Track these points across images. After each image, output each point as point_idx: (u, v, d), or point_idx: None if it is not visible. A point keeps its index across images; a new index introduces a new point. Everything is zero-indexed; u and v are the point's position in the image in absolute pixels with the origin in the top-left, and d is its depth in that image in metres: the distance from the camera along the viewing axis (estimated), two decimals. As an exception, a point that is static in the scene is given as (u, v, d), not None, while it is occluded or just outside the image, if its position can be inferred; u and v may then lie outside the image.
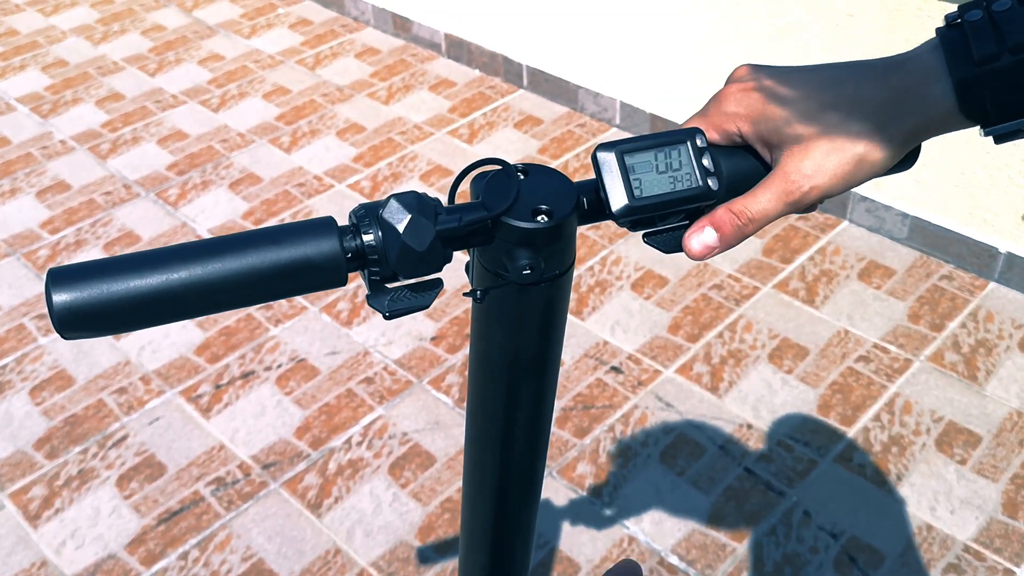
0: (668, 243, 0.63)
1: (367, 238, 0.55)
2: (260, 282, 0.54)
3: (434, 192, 2.71)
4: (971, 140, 2.22)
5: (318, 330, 2.28)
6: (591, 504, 1.86)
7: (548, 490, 1.89)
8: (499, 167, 0.60)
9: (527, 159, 2.84)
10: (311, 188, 2.75)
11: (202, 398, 2.12)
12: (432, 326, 2.27)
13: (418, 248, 0.55)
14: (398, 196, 0.56)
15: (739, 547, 1.78)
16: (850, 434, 1.98)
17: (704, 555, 1.77)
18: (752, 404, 2.05)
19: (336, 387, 2.13)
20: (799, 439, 1.97)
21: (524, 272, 0.58)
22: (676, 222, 0.63)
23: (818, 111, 0.60)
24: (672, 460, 1.94)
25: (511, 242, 0.58)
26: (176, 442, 2.02)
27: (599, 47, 2.89)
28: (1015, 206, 2.23)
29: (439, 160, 2.85)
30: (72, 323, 0.51)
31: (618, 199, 0.60)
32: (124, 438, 2.03)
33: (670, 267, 2.42)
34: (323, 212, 2.67)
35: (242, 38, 3.57)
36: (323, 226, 0.55)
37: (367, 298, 0.58)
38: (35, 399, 2.13)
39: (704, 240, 0.61)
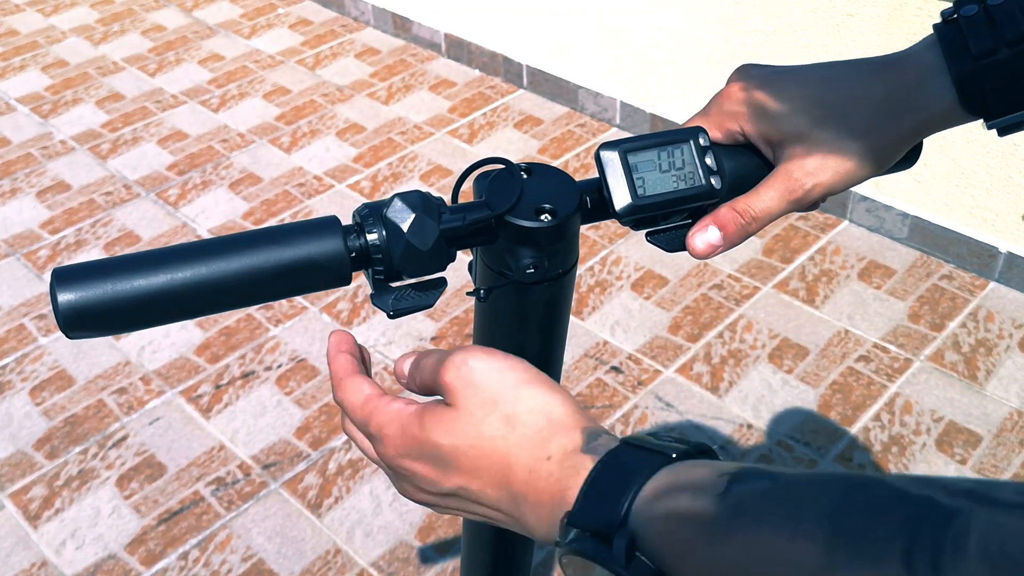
0: (671, 242, 0.63)
1: (371, 237, 0.55)
2: (264, 281, 0.53)
3: (435, 192, 2.71)
4: (971, 139, 2.22)
5: (318, 330, 2.28)
6: (591, 504, 1.86)
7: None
8: (502, 166, 0.60)
9: (527, 159, 2.84)
10: (311, 188, 2.75)
11: (202, 398, 2.12)
12: (432, 326, 2.27)
13: (422, 247, 0.55)
14: (402, 195, 0.55)
15: (740, 547, 1.78)
16: (850, 434, 1.98)
17: None
18: (752, 404, 2.05)
19: (336, 387, 2.13)
20: (799, 439, 1.97)
21: (528, 271, 0.58)
22: (679, 221, 0.63)
23: (819, 109, 0.60)
24: (672, 460, 1.93)
25: (515, 241, 0.58)
26: (176, 442, 2.02)
27: (599, 47, 2.89)
28: (1015, 206, 2.23)
29: (439, 160, 2.85)
30: (77, 323, 0.51)
31: (621, 198, 0.60)
32: (124, 438, 2.03)
33: (670, 267, 2.42)
34: (323, 212, 2.66)
35: (242, 38, 3.57)
36: (327, 225, 0.55)
37: (371, 297, 0.58)
38: (35, 399, 2.13)
39: (708, 239, 0.61)
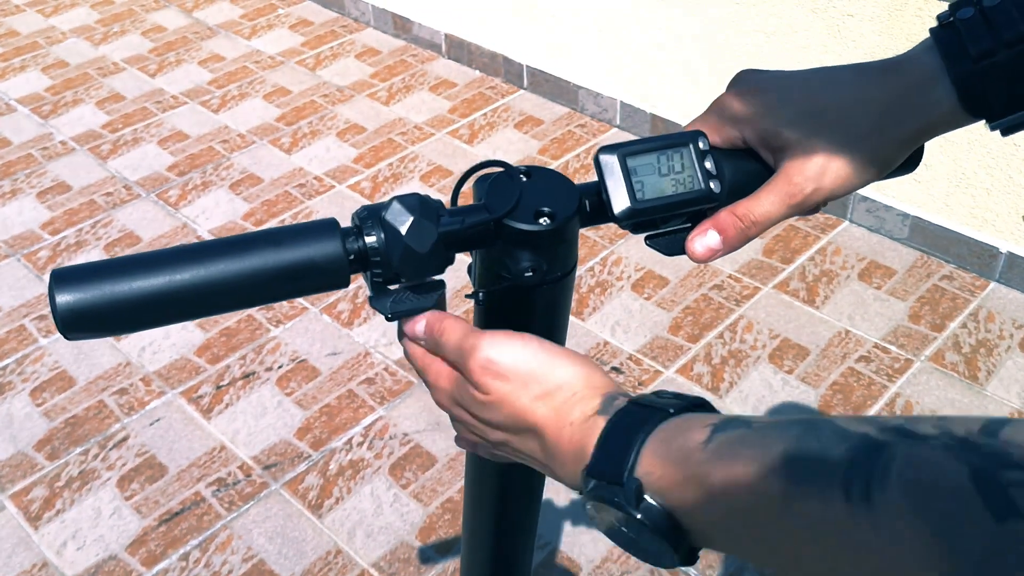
0: (670, 245, 0.63)
1: (369, 240, 0.55)
2: (262, 284, 0.53)
3: (435, 193, 2.71)
4: (971, 140, 2.22)
5: (319, 331, 2.28)
6: (592, 505, 1.86)
7: (549, 490, 1.89)
8: (501, 169, 0.60)
9: (527, 159, 2.84)
10: (311, 189, 2.75)
11: (203, 399, 2.12)
12: (433, 327, 2.27)
13: (420, 250, 0.55)
14: (401, 198, 0.55)
15: (740, 547, 1.78)
16: (851, 434, 1.97)
17: (705, 555, 1.77)
18: (753, 404, 2.05)
19: (337, 388, 2.13)
20: (800, 439, 1.97)
21: (526, 274, 0.58)
22: (678, 224, 0.63)
23: (819, 114, 0.60)
24: (673, 460, 1.93)
25: (513, 244, 0.58)
26: (177, 443, 2.02)
27: (599, 47, 2.89)
28: (1016, 206, 2.23)
29: (439, 161, 2.84)
30: (75, 324, 0.51)
31: (620, 202, 0.60)
32: (125, 439, 2.03)
33: (670, 267, 2.42)
34: (323, 213, 2.66)
35: (242, 39, 3.57)
36: (326, 228, 0.55)
37: (369, 300, 0.58)
38: (36, 400, 2.13)
39: (707, 243, 0.61)
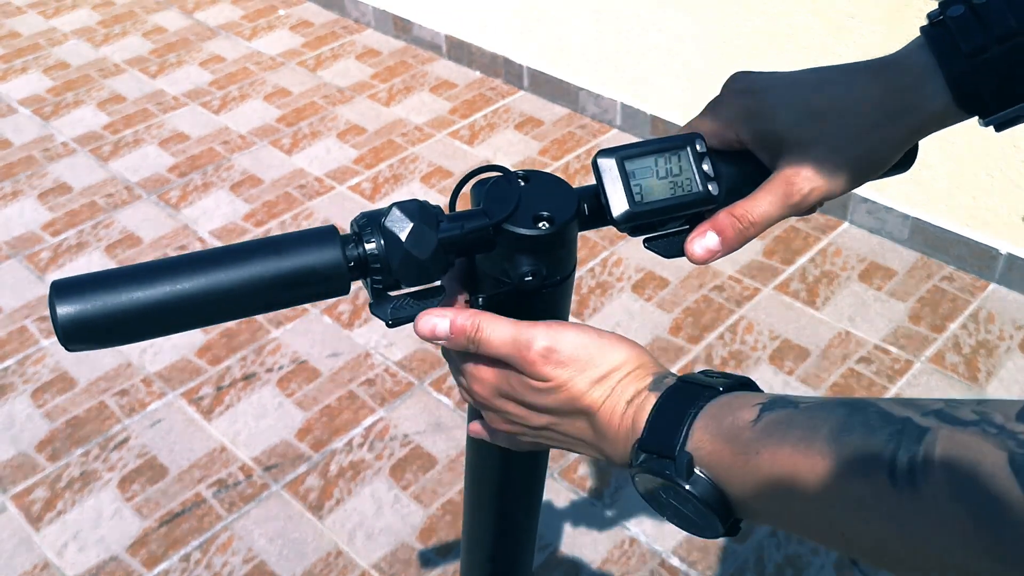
0: (669, 248, 0.63)
1: (369, 246, 0.55)
2: (263, 292, 0.53)
3: (435, 194, 2.71)
4: (971, 141, 2.22)
5: (319, 332, 2.28)
6: (592, 506, 1.86)
7: (549, 492, 1.89)
8: (500, 174, 0.60)
9: (528, 161, 2.84)
10: (312, 190, 2.76)
11: (203, 400, 2.12)
12: (433, 328, 2.27)
13: (420, 256, 0.55)
14: (400, 204, 0.55)
15: (740, 548, 1.78)
16: (851, 435, 1.98)
17: (705, 556, 1.77)
18: (753, 405, 2.05)
19: (337, 389, 2.13)
20: (800, 440, 1.97)
21: (526, 278, 0.58)
22: (677, 227, 0.63)
23: (814, 114, 0.60)
24: (673, 462, 1.93)
25: (512, 249, 0.58)
26: (178, 444, 2.02)
27: (600, 48, 2.89)
28: (1016, 207, 2.23)
29: (440, 162, 2.85)
30: (76, 335, 0.50)
31: (619, 205, 0.60)
32: (126, 440, 2.03)
33: (671, 269, 2.42)
34: (324, 214, 2.67)
35: (243, 40, 3.57)
36: (325, 235, 0.55)
37: (370, 307, 0.58)
38: (37, 401, 2.13)
39: (706, 244, 0.61)
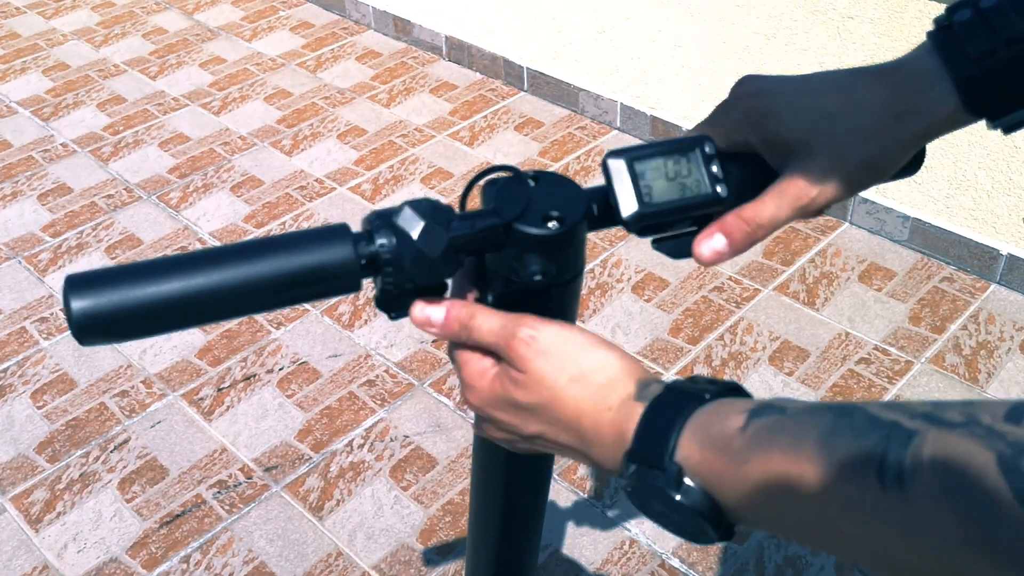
0: (677, 249, 0.64)
1: (381, 245, 0.56)
2: (275, 289, 0.54)
3: (435, 195, 2.71)
4: (972, 142, 2.22)
5: (320, 333, 2.28)
6: (592, 506, 1.86)
7: (550, 492, 1.89)
8: (510, 174, 0.60)
9: (528, 162, 2.84)
10: (312, 191, 2.76)
11: (204, 401, 2.12)
12: (433, 329, 2.27)
13: (432, 254, 0.55)
14: (412, 203, 0.56)
15: (740, 549, 1.78)
16: (851, 436, 1.98)
17: (705, 558, 1.77)
18: (753, 406, 2.05)
19: (338, 390, 2.13)
20: (800, 441, 1.97)
21: (535, 278, 0.59)
22: (685, 228, 0.64)
23: (823, 118, 0.60)
24: (673, 462, 1.93)
25: (522, 248, 0.59)
26: (178, 445, 2.02)
27: (600, 50, 2.90)
28: (1016, 208, 2.23)
29: (440, 163, 2.85)
30: (90, 330, 0.51)
31: (628, 206, 0.60)
32: (126, 441, 2.03)
33: (671, 270, 2.42)
34: (324, 215, 2.67)
35: (243, 41, 3.57)
36: (337, 233, 0.55)
37: (375, 300, 0.58)
38: (37, 402, 2.13)
39: (714, 246, 0.62)
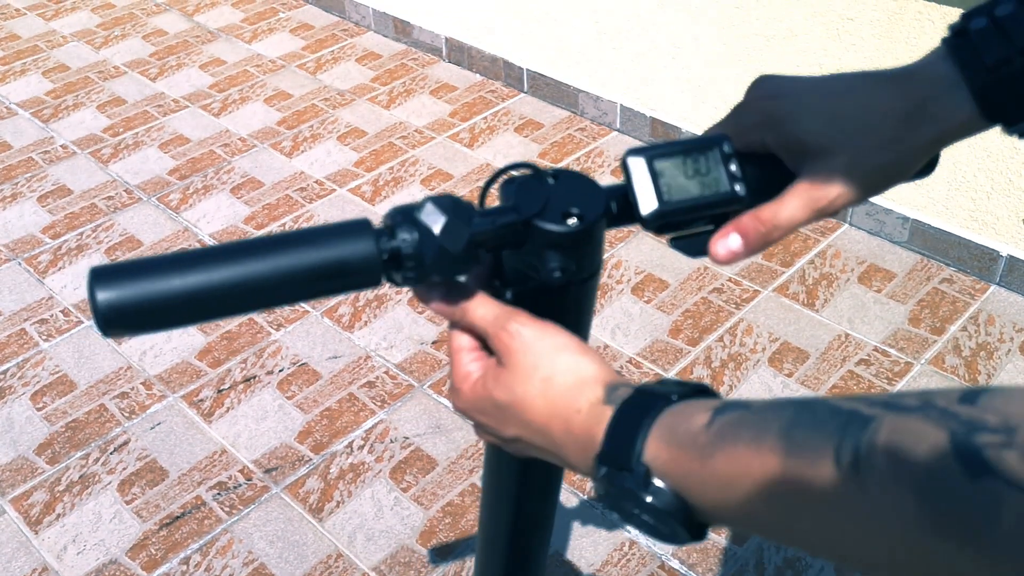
0: (694, 247, 0.64)
1: (403, 239, 0.56)
2: (296, 282, 0.55)
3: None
4: (971, 143, 2.22)
5: (320, 334, 2.28)
6: (592, 508, 1.87)
7: (549, 494, 1.89)
8: (529, 171, 0.61)
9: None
10: (312, 193, 2.76)
11: (204, 402, 2.12)
12: (433, 330, 2.27)
13: (453, 250, 0.56)
14: (434, 199, 0.57)
15: (740, 550, 1.78)
16: (851, 437, 1.98)
17: (705, 559, 1.77)
18: (753, 408, 2.05)
19: (338, 391, 2.13)
20: (800, 443, 1.97)
21: (554, 274, 0.59)
22: (702, 227, 0.64)
23: (839, 121, 0.61)
24: (673, 464, 1.93)
25: (542, 245, 0.59)
26: (178, 447, 2.02)
27: (599, 51, 2.90)
28: (1016, 209, 2.23)
29: (440, 164, 2.85)
30: (115, 321, 0.52)
31: (648, 203, 0.61)
32: (126, 443, 2.03)
33: (671, 271, 2.42)
34: (324, 217, 2.67)
35: (243, 43, 3.57)
36: (359, 228, 0.56)
37: (385, 275, 0.59)
38: (36, 404, 2.13)
39: (729, 246, 0.62)
